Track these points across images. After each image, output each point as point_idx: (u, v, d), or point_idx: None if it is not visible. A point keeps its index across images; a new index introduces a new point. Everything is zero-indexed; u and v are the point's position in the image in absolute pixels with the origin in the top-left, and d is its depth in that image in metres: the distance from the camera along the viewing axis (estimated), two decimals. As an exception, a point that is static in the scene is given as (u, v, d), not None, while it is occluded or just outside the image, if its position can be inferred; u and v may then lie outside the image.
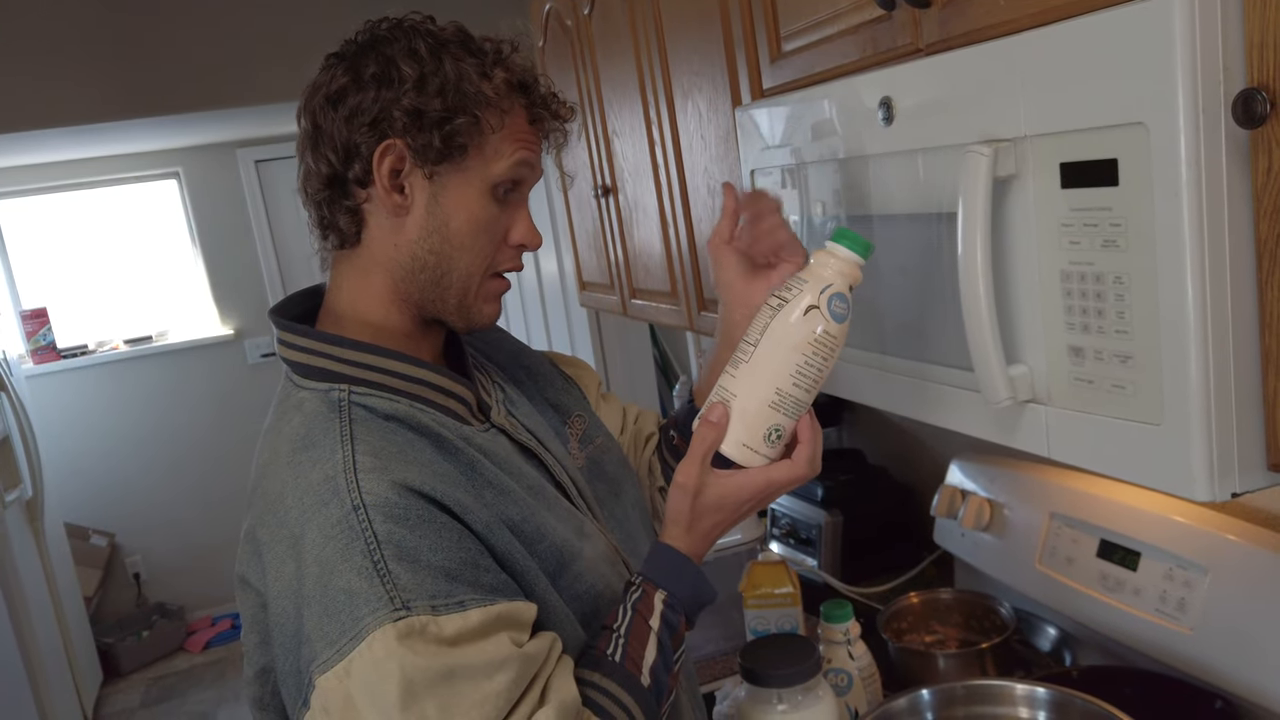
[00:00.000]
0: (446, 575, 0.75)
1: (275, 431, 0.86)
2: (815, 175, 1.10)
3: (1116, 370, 0.76)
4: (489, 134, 0.85)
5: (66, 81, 2.94)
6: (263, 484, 0.84)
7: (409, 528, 0.75)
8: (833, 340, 0.81)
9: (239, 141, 4.28)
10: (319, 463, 0.79)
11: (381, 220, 0.86)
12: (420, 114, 0.82)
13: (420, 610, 0.73)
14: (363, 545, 0.74)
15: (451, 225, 0.86)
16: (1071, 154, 0.75)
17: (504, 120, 0.85)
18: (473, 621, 0.74)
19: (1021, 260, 0.82)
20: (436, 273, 0.87)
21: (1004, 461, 1.42)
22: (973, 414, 0.92)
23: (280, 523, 0.79)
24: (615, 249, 2.06)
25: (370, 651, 0.71)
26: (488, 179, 0.86)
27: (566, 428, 1.03)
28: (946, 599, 1.39)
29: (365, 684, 0.72)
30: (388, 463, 0.78)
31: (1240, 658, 1.02)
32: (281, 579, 0.78)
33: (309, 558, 0.76)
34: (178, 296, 4.39)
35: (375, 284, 0.88)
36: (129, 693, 3.87)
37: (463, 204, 0.85)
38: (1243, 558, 1.03)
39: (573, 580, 0.87)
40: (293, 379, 0.88)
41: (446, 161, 0.84)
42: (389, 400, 0.84)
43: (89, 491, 4.22)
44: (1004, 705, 0.96)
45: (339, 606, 0.73)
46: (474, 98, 0.84)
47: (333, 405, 0.83)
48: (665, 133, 1.65)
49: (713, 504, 0.85)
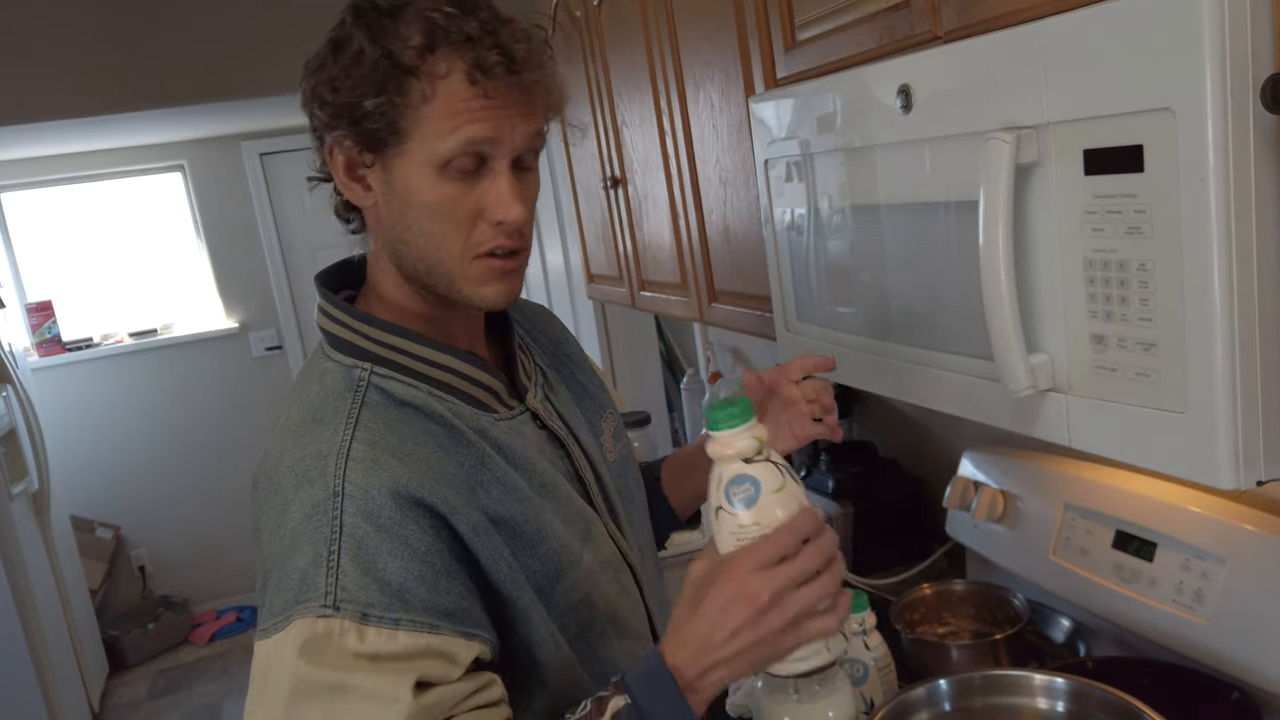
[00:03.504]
0: (396, 588, 0.73)
1: (294, 397, 0.87)
2: (831, 164, 1.10)
3: (1140, 358, 0.75)
4: (421, 106, 0.77)
5: (71, 74, 2.93)
6: (270, 443, 0.85)
7: (377, 528, 0.75)
8: (753, 526, 0.75)
9: (244, 134, 4.27)
10: (319, 439, 0.80)
11: (362, 207, 0.87)
12: (350, 105, 0.78)
13: (348, 614, 0.72)
14: (327, 532, 0.74)
15: (410, 211, 0.82)
16: (1095, 140, 0.75)
17: (435, 88, 0.77)
18: (398, 643, 0.72)
19: (1043, 248, 0.82)
20: (414, 255, 0.84)
21: (1017, 453, 1.41)
22: (992, 403, 0.92)
23: (275, 488, 0.80)
24: (624, 241, 2.06)
25: (286, 638, 0.72)
26: (432, 159, 0.79)
27: (602, 421, 1.02)
28: (959, 590, 1.39)
29: (273, 665, 0.73)
30: (381, 457, 0.78)
31: (1258, 648, 1.02)
32: (269, 539, 0.79)
33: (286, 528, 0.77)
34: (182, 289, 4.39)
35: (386, 266, 0.88)
36: (135, 685, 3.88)
37: (414, 188, 0.80)
38: (1260, 548, 1.03)
39: (568, 589, 0.86)
40: (324, 348, 0.89)
41: (383, 148, 0.80)
42: (408, 385, 0.84)
43: (95, 484, 4.22)
44: (1022, 695, 0.95)
45: (289, 583, 0.74)
46: (388, 71, 0.77)
47: (351, 384, 0.84)
48: (676, 123, 1.64)
49: (694, 581, 0.77)
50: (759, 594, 0.71)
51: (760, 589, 0.71)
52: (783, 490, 0.75)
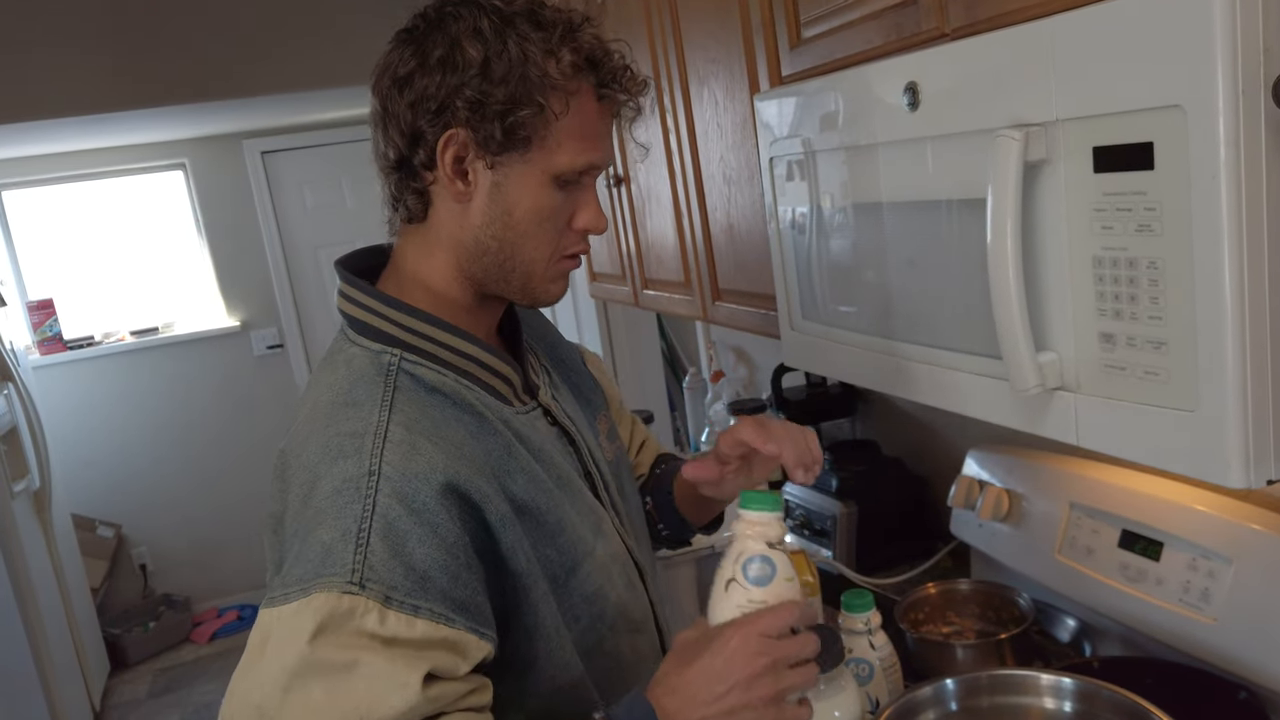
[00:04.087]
0: (420, 575, 0.74)
1: (320, 381, 0.87)
2: (836, 163, 1.09)
3: (1149, 357, 0.75)
4: (553, 121, 0.83)
5: (73, 71, 2.93)
6: (297, 425, 0.85)
7: (410, 512, 0.75)
8: (762, 604, 0.81)
9: (245, 133, 4.27)
10: (354, 419, 0.80)
11: (448, 202, 0.86)
12: (483, 104, 0.81)
13: (373, 593, 0.72)
14: (359, 510, 0.74)
15: (515, 214, 0.85)
16: (1105, 138, 0.74)
17: (569, 104, 0.83)
18: (415, 631, 0.73)
19: (1052, 246, 0.81)
20: (500, 256, 0.86)
21: (1022, 452, 1.41)
22: (998, 402, 0.91)
23: (303, 465, 0.80)
24: (627, 239, 2.05)
25: (304, 607, 0.72)
26: (551, 169, 0.84)
27: (596, 423, 1.03)
28: (964, 590, 1.38)
29: (282, 634, 0.72)
30: (417, 440, 0.78)
31: (1265, 648, 1.01)
32: (298, 516, 0.78)
33: (314, 502, 0.76)
34: (184, 288, 4.38)
35: (439, 259, 0.88)
36: (136, 683, 3.88)
37: (525, 193, 0.84)
38: (1268, 547, 1.02)
39: (582, 581, 0.87)
40: (347, 333, 0.89)
41: (509, 151, 0.83)
42: (437, 372, 0.85)
43: (96, 483, 4.22)
44: (1029, 695, 0.95)
45: (311, 554, 0.74)
46: (538, 83, 0.81)
47: (381, 369, 0.84)
48: (680, 121, 1.64)
49: (686, 642, 0.80)
50: (759, 656, 0.76)
51: (762, 650, 0.76)
52: (791, 582, 0.82)
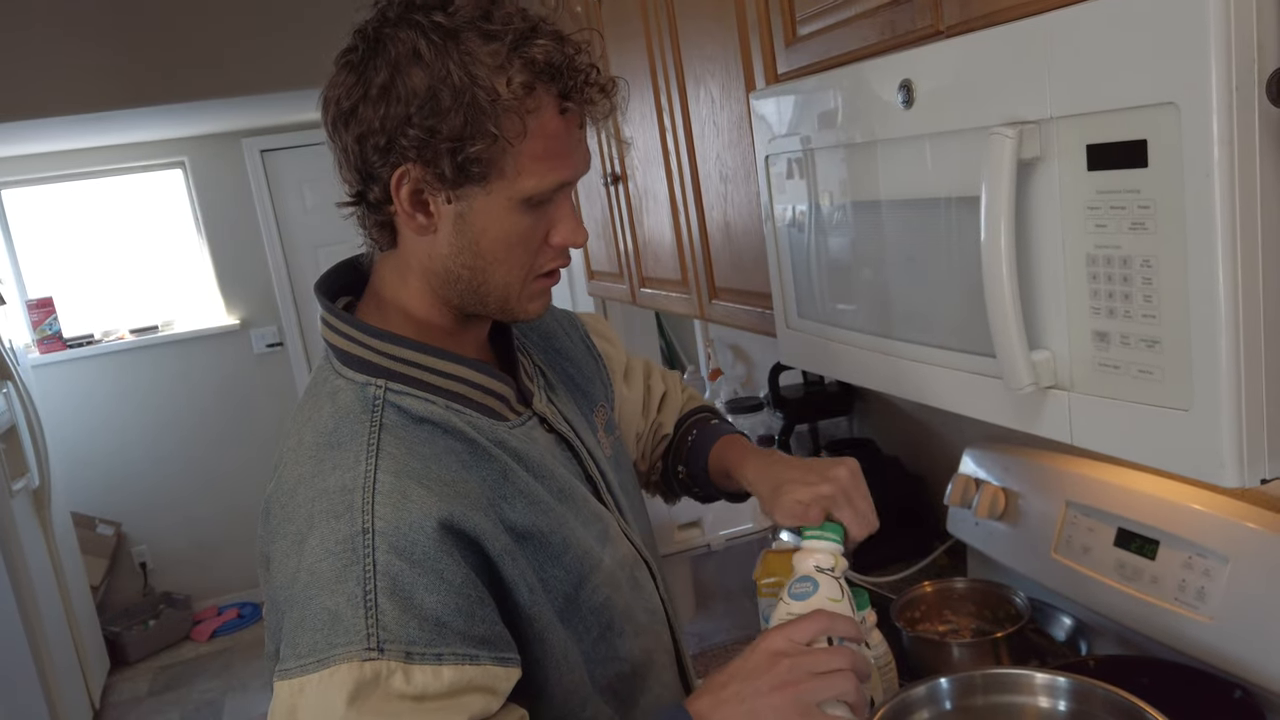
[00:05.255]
0: (435, 621, 0.72)
1: (305, 417, 0.84)
2: (832, 161, 1.09)
3: (1143, 355, 0.75)
4: (509, 149, 0.76)
5: (72, 70, 2.93)
6: (282, 469, 0.82)
7: (411, 563, 0.73)
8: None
9: (244, 131, 4.27)
10: (340, 468, 0.77)
11: (414, 234, 0.82)
12: (430, 141, 0.75)
13: (393, 654, 0.70)
14: (359, 571, 0.72)
15: (482, 242, 0.81)
16: (1099, 135, 0.74)
17: (526, 125, 0.76)
18: (444, 679, 0.71)
19: (1045, 244, 0.81)
20: (473, 283, 0.83)
21: (1018, 450, 1.41)
22: (992, 401, 0.91)
23: (289, 516, 0.78)
24: (625, 237, 2.05)
25: (329, 680, 0.70)
26: (516, 195, 0.79)
27: (594, 415, 1.01)
28: (960, 588, 1.38)
29: (311, 709, 0.70)
30: (408, 486, 0.76)
31: (1261, 647, 1.01)
32: (284, 570, 0.77)
33: (305, 563, 0.74)
34: (183, 286, 4.39)
35: (414, 285, 0.85)
36: (136, 681, 3.88)
37: (491, 221, 0.80)
38: (1264, 546, 1.02)
39: (590, 593, 0.86)
40: (333, 363, 0.86)
41: (468, 184, 0.78)
42: (424, 401, 0.82)
43: (96, 481, 4.22)
44: (1024, 694, 0.95)
45: (318, 623, 0.72)
46: (488, 109, 0.74)
47: (366, 404, 0.81)
48: (677, 119, 1.64)
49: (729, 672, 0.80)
50: (780, 656, 0.77)
51: (784, 651, 0.78)
52: (837, 604, 0.85)
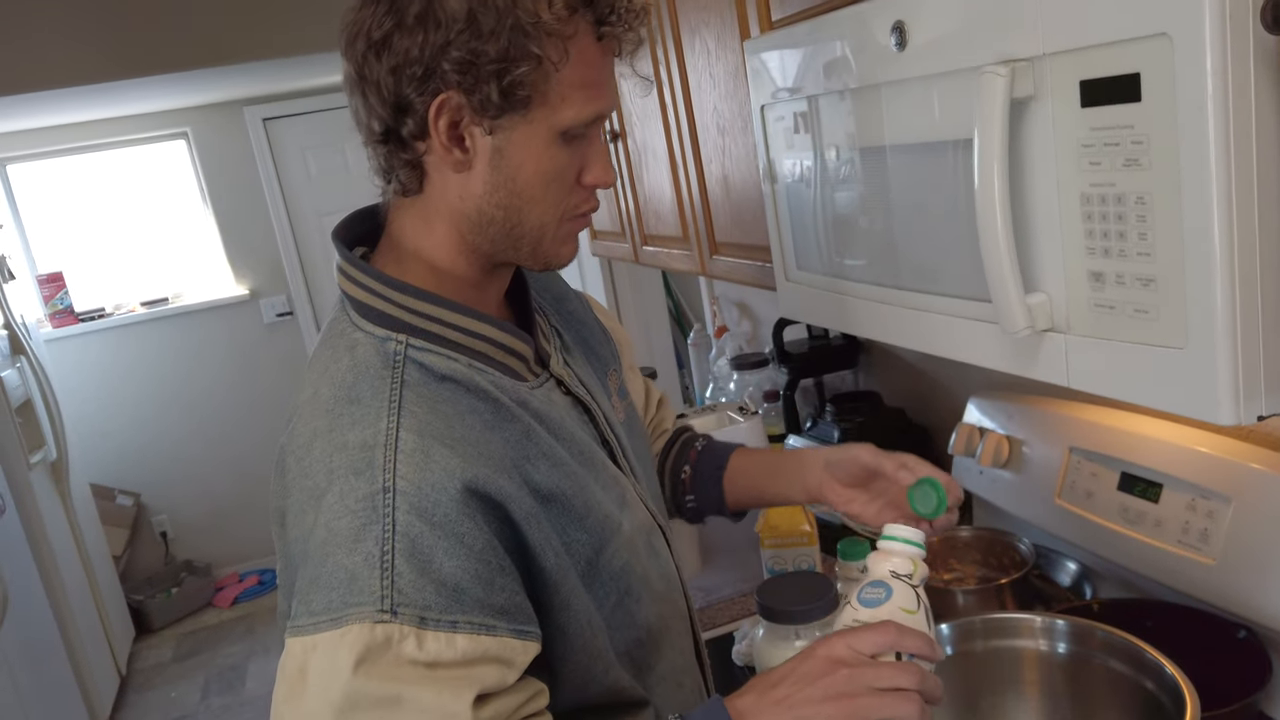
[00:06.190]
0: (453, 588, 0.70)
1: (321, 368, 0.81)
2: (827, 108, 1.07)
3: (1138, 294, 0.74)
4: (553, 74, 0.75)
5: (70, 41, 2.91)
6: (298, 421, 0.79)
7: (432, 525, 0.71)
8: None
9: (246, 99, 4.25)
10: (360, 424, 0.75)
11: (445, 173, 0.79)
12: (474, 64, 0.73)
13: (406, 618, 0.68)
14: (379, 531, 0.70)
15: (520, 179, 0.78)
16: (1091, 70, 0.73)
17: (568, 51, 0.75)
18: (457, 648, 0.69)
19: (1040, 185, 0.80)
20: (506, 225, 0.80)
21: (1022, 398, 1.40)
22: (989, 346, 0.90)
23: (306, 471, 0.75)
24: (625, 195, 2.04)
25: (340, 640, 0.68)
26: (556, 126, 0.77)
27: (607, 379, 1.00)
28: (965, 536, 1.39)
29: (320, 669, 0.69)
30: (431, 446, 0.73)
31: (1264, 587, 1.01)
32: (300, 525, 0.75)
33: (323, 519, 0.72)
34: (192, 258, 4.40)
35: (440, 233, 0.82)
36: (160, 648, 3.95)
37: (530, 155, 0.78)
38: (1267, 486, 1.02)
39: (610, 557, 0.84)
40: (350, 315, 0.83)
41: (509, 113, 0.75)
42: (446, 358, 0.80)
43: (113, 453, 4.27)
44: (1023, 638, 0.95)
45: (334, 581, 0.70)
46: (532, 32, 0.73)
47: (386, 359, 0.78)
48: (673, 72, 1.61)
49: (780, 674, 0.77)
50: (839, 665, 0.72)
51: (845, 661, 0.73)
52: (912, 615, 0.78)
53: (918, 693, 0.72)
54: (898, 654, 0.74)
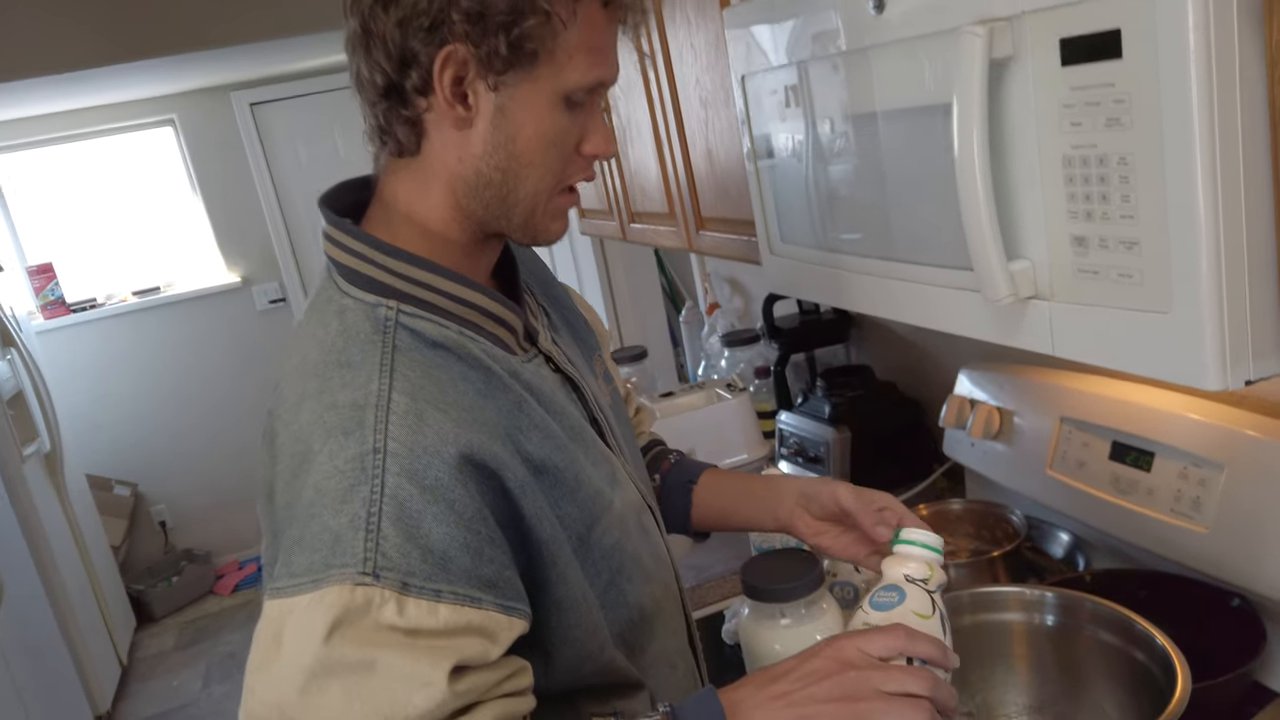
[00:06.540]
0: (440, 555, 0.69)
1: (308, 333, 0.80)
2: (807, 75, 1.05)
3: (1122, 258, 0.72)
4: (560, 32, 0.74)
5: (50, 27, 2.87)
6: (285, 385, 0.78)
7: (423, 489, 0.69)
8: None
9: (232, 85, 4.20)
10: (350, 386, 0.73)
11: (444, 132, 0.78)
12: (483, 15, 0.72)
13: (388, 582, 0.66)
14: (366, 492, 0.68)
15: (520, 139, 0.77)
16: (1072, 28, 0.71)
17: (576, 11, 0.75)
18: (438, 618, 0.67)
19: (1021, 148, 0.78)
20: (502, 190, 0.79)
21: (1012, 369, 1.38)
22: (974, 316, 0.89)
23: (294, 435, 0.74)
24: (612, 173, 2.01)
25: (318, 602, 0.66)
26: (560, 88, 0.76)
27: (593, 362, 0.98)
28: (957, 509, 1.37)
29: (296, 631, 0.67)
30: (424, 409, 0.72)
31: (1257, 554, 1.00)
32: (289, 490, 0.73)
33: (311, 480, 0.71)
34: (183, 246, 4.37)
35: (436, 195, 0.80)
36: (162, 636, 3.96)
37: (531, 116, 0.76)
38: (1260, 452, 1.00)
39: (602, 534, 0.83)
40: (337, 282, 0.81)
41: (514, 70, 0.74)
42: (438, 325, 0.78)
43: (109, 443, 4.26)
44: (1011, 611, 0.94)
45: (318, 543, 0.68)
46: None
47: (377, 324, 0.77)
48: (655, 44, 1.59)
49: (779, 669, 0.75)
50: (846, 666, 0.71)
51: (852, 662, 0.71)
52: (926, 620, 0.76)
53: (928, 699, 0.70)
54: (909, 660, 0.72)
